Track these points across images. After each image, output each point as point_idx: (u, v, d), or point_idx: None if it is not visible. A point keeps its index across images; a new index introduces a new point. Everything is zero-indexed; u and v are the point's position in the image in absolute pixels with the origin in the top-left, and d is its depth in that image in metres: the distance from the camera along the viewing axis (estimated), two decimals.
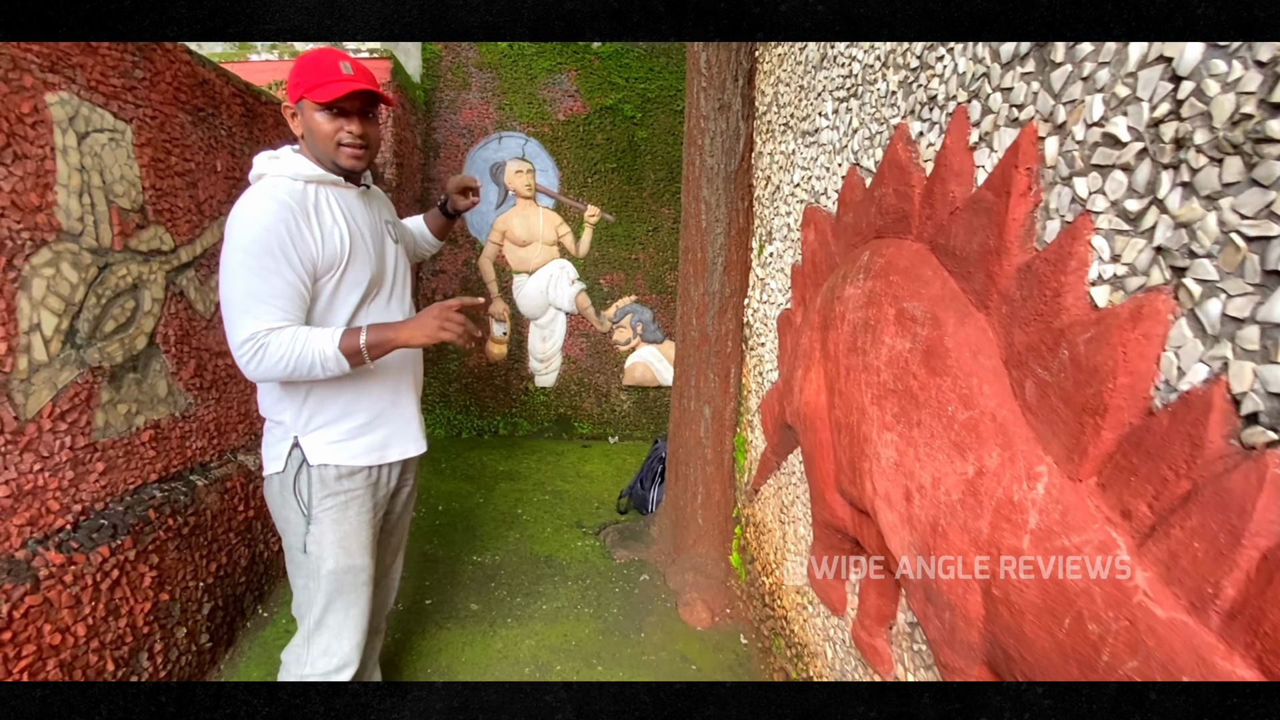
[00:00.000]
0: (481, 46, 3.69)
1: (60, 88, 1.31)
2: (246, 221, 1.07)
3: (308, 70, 1.14)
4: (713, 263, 2.13)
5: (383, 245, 1.30)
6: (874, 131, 1.15)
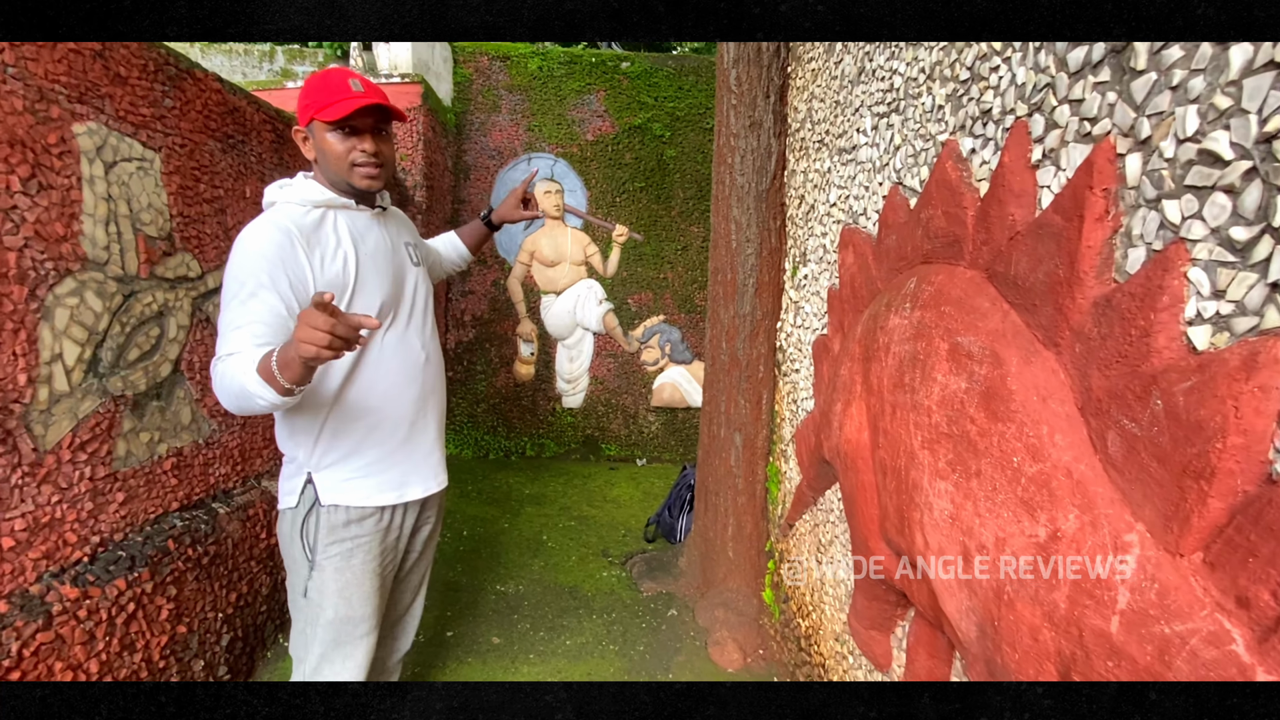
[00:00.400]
0: (512, 69, 3.71)
1: (88, 118, 1.32)
2: (240, 248, 1.05)
3: (317, 90, 1.11)
4: (743, 284, 2.05)
5: (401, 269, 1.26)
6: (919, 149, 1.07)
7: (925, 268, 0.98)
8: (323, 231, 1.12)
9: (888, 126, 1.19)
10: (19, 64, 1.15)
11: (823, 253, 1.56)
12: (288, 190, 1.15)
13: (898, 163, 1.15)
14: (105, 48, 1.35)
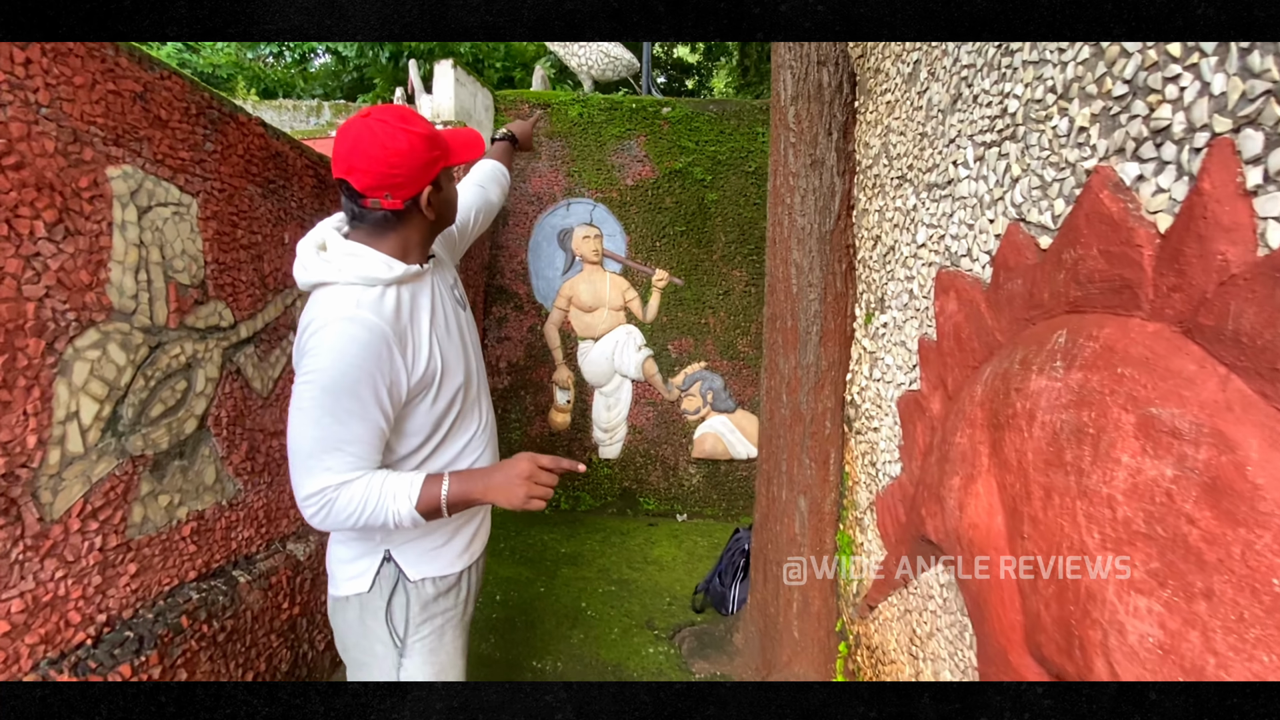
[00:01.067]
0: (552, 116, 3.70)
1: (124, 161, 1.25)
2: (331, 356, 0.91)
3: (435, 137, 1.00)
4: (806, 332, 1.89)
5: (461, 329, 1.15)
6: (1048, 179, 0.91)
7: (1078, 319, 0.81)
8: (402, 319, 1.00)
9: (999, 156, 1.04)
10: (53, 105, 1.08)
11: (907, 298, 1.40)
12: (353, 265, 0.98)
13: (1016, 196, 0.99)
14: (147, 89, 1.29)
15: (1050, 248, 0.88)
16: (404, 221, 1.03)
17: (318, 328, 0.93)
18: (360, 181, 0.97)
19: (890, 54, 1.49)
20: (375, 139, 0.96)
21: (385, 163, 0.96)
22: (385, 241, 1.03)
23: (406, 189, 1.00)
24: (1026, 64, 0.97)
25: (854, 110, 1.82)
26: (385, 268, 0.99)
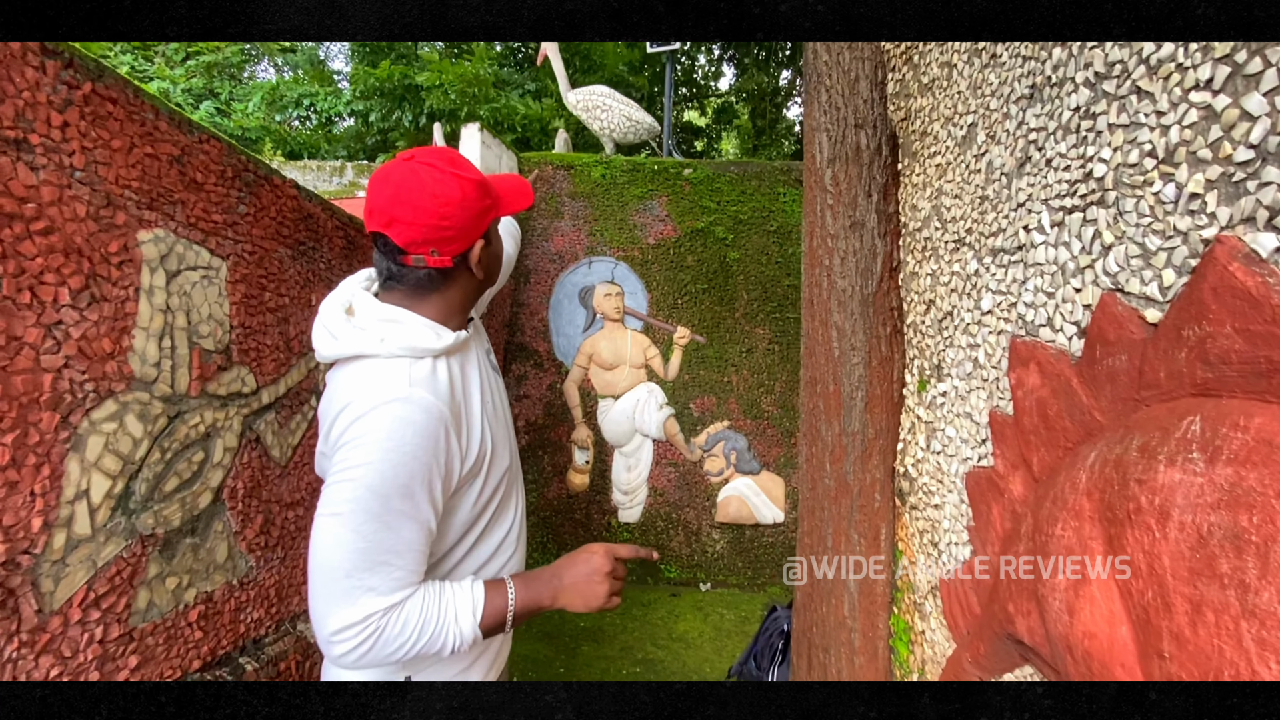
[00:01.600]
0: (575, 177, 3.74)
1: (156, 224, 1.21)
2: (384, 447, 0.76)
3: (486, 184, 0.90)
4: (850, 397, 1.80)
5: (503, 401, 1.05)
6: (1152, 248, 0.84)
7: (1214, 405, 0.72)
8: (456, 397, 0.86)
9: (1084, 222, 0.97)
10: (88, 168, 1.05)
11: (971, 367, 1.31)
12: (396, 334, 0.85)
13: (1109, 265, 0.92)
14: (184, 152, 1.27)
15: (1164, 323, 0.80)
16: (450, 281, 0.91)
17: (362, 412, 0.78)
18: (403, 235, 0.85)
19: (939, 116, 1.45)
20: (423, 186, 0.84)
21: (436, 214, 0.84)
22: (426, 305, 0.90)
23: (457, 243, 0.87)
24: (1114, 127, 0.91)
25: (896, 173, 1.79)
26: (434, 336, 0.86)
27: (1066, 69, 1.03)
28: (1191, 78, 0.78)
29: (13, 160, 0.92)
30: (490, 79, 6.93)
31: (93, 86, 1.06)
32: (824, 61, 1.96)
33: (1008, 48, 1.19)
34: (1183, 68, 0.80)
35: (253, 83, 9.01)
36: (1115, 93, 0.92)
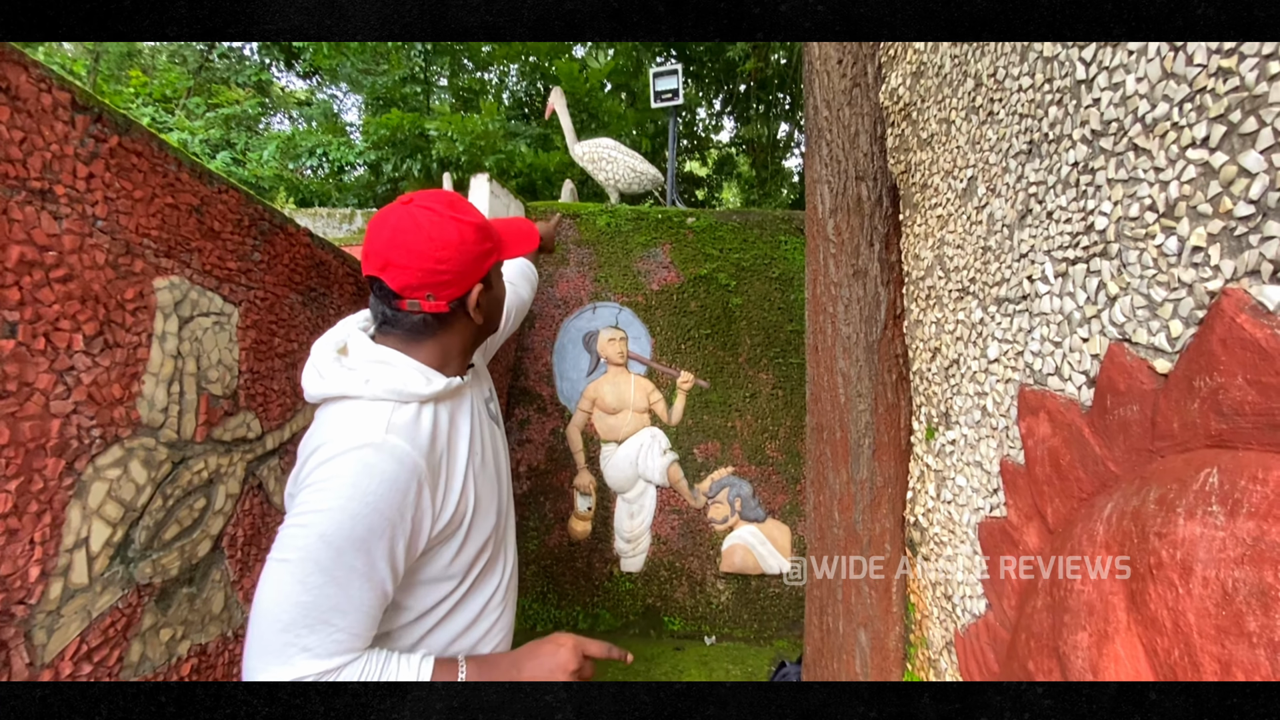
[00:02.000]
0: (581, 225, 3.81)
1: (172, 272, 1.23)
2: (344, 495, 0.72)
3: (486, 227, 0.88)
4: (857, 444, 1.79)
5: (497, 454, 0.99)
6: (1157, 299, 0.85)
7: (1230, 457, 0.71)
8: (438, 447, 0.82)
9: (1089, 274, 0.98)
10: (110, 218, 1.07)
11: (980, 415, 1.30)
12: (384, 376, 0.82)
13: (1116, 315, 0.92)
14: (204, 202, 1.30)
15: (1174, 374, 0.80)
16: (446, 326, 0.89)
17: (331, 454, 0.74)
18: (398, 280, 0.83)
19: (939, 170, 1.49)
20: (419, 230, 0.83)
21: (432, 257, 0.82)
22: (421, 350, 0.88)
23: (453, 288, 0.85)
24: (1113, 182, 0.94)
25: (897, 223, 1.82)
26: (424, 381, 0.83)
27: (1063, 126, 1.06)
28: (1188, 135, 0.81)
29: (37, 210, 0.94)
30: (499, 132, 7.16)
31: (119, 140, 1.09)
32: (824, 117, 2.03)
33: (1004, 105, 1.23)
34: (1178, 126, 0.82)
35: (268, 133, 9.32)
36: (1112, 149, 0.94)
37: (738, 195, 10.93)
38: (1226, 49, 0.75)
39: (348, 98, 11.13)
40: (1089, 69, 0.99)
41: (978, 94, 1.32)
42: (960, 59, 1.38)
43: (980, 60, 1.30)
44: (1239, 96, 0.74)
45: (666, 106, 4.29)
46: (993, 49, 1.25)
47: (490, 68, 9.39)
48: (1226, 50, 0.75)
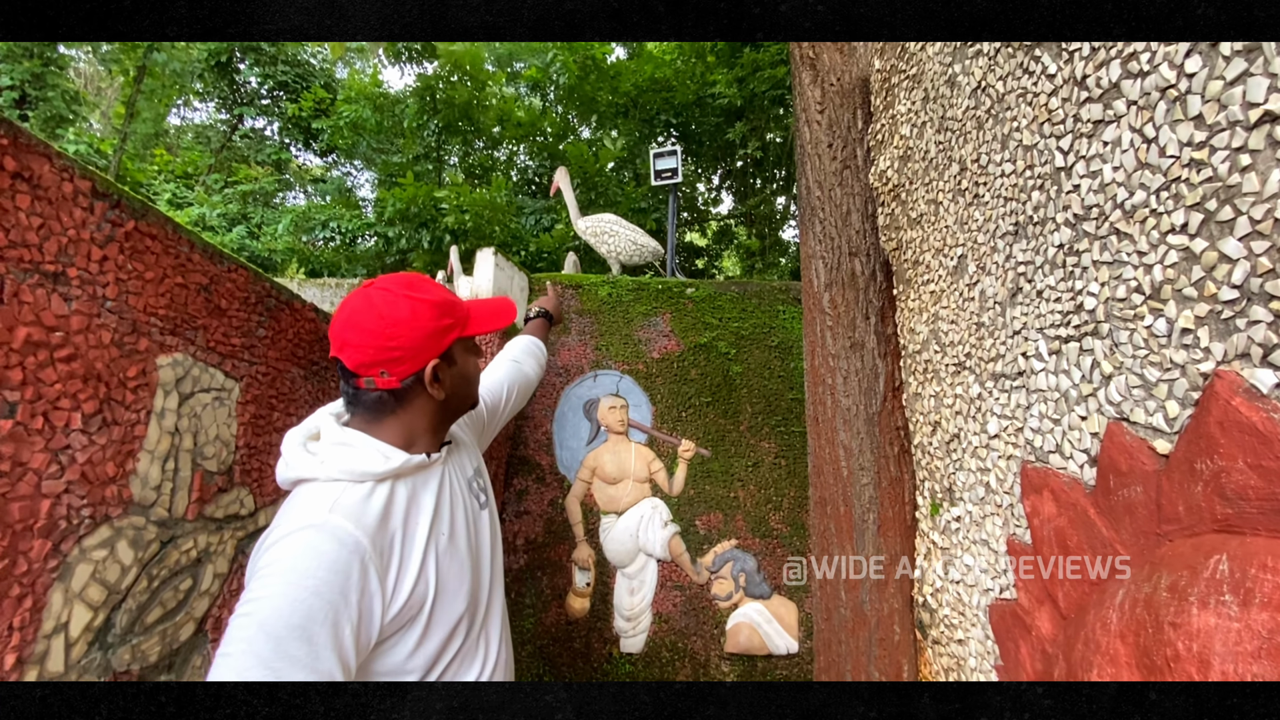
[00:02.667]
0: (582, 296, 3.88)
1: (176, 349, 1.24)
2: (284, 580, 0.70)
3: (449, 304, 0.89)
4: (861, 520, 1.75)
5: (473, 535, 0.94)
6: (1151, 379, 0.85)
7: (1239, 543, 0.69)
8: (391, 525, 0.79)
9: (1082, 352, 0.99)
10: (120, 298, 1.10)
11: (984, 492, 1.28)
12: (341, 456, 0.82)
13: (1112, 394, 0.92)
14: (213, 281, 1.33)
15: (1175, 455, 0.80)
16: (405, 403, 0.89)
17: (275, 539, 0.74)
18: (353, 358, 0.85)
19: (930, 248, 1.53)
20: (372, 308, 0.84)
21: (382, 335, 0.84)
22: (383, 428, 0.88)
23: (406, 364, 0.86)
24: (1098, 263, 0.96)
25: (891, 297, 1.85)
26: (380, 459, 0.82)
27: (1046, 210, 1.10)
28: (1167, 222, 0.84)
29: (48, 292, 0.96)
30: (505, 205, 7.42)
31: (135, 224, 1.12)
32: (817, 197, 2.10)
33: (989, 189, 1.28)
34: (1157, 213, 0.85)
35: (283, 208, 9.67)
36: (1096, 233, 0.97)
37: (738, 264, 11.18)
38: (1197, 142, 0.79)
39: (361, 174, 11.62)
40: (1067, 157, 1.04)
41: (963, 178, 1.37)
42: (944, 145, 1.45)
43: (964, 147, 1.36)
44: (1213, 186, 0.77)
45: (666, 184, 4.46)
46: (974, 136, 1.31)
47: (501, 146, 9.85)
48: (1196, 143, 0.79)
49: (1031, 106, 1.12)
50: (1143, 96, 0.87)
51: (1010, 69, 1.18)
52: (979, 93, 1.29)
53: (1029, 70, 1.13)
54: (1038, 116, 1.11)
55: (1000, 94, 1.22)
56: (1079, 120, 1.00)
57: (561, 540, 3.62)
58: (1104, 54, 0.94)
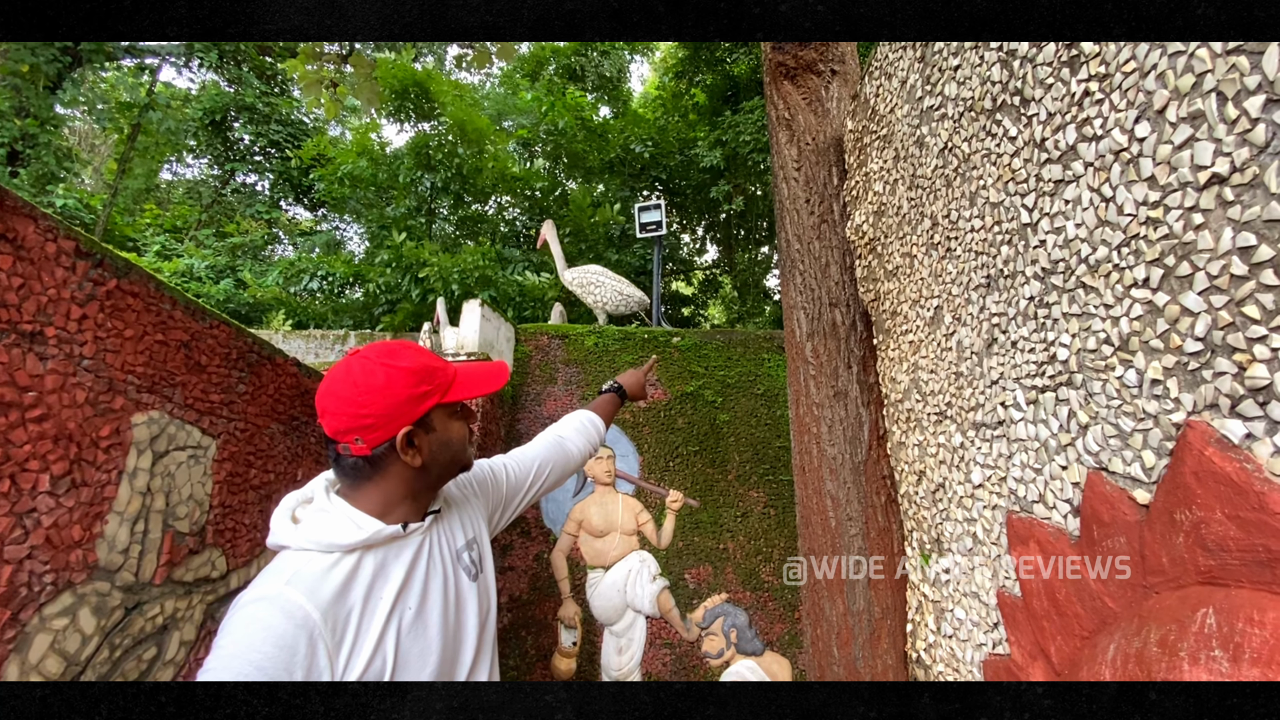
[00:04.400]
0: (569, 345, 3.90)
1: (153, 407, 1.22)
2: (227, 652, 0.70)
3: (428, 370, 0.89)
4: (851, 571, 1.72)
5: (451, 609, 0.90)
6: (1126, 429, 0.86)
7: (1224, 595, 0.69)
8: (350, 599, 0.78)
9: (1058, 401, 1.01)
10: (97, 356, 1.08)
11: (971, 543, 1.27)
12: (314, 524, 0.82)
13: (1089, 443, 0.93)
14: (194, 338, 1.32)
15: (1155, 506, 0.80)
16: (381, 471, 0.87)
17: (235, 607, 0.74)
18: (331, 425, 0.85)
19: (907, 299, 1.56)
20: (349, 377, 0.86)
21: (355, 402, 0.84)
22: (362, 496, 0.87)
23: (379, 431, 0.85)
24: (1068, 315, 0.99)
25: (872, 347, 1.88)
26: (352, 528, 0.81)
27: (1015, 264, 1.13)
28: (1129, 276, 0.87)
29: (24, 351, 0.95)
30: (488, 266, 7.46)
31: (118, 283, 1.12)
32: (796, 250, 2.16)
33: (960, 243, 1.32)
34: (1119, 267, 0.88)
35: (271, 261, 9.71)
36: (1064, 286, 1.00)
37: (722, 313, 11.31)
38: (1152, 201, 0.82)
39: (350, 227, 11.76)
40: (1032, 214, 1.08)
41: (935, 232, 1.42)
42: (916, 201, 1.50)
43: (934, 203, 1.41)
44: (1170, 243, 0.80)
45: (651, 236, 4.55)
46: (944, 193, 1.36)
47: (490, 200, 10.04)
48: (1151, 202, 0.82)
49: (996, 166, 1.18)
50: (1098, 159, 0.91)
51: (974, 130, 1.24)
52: (946, 153, 1.35)
53: (991, 132, 1.19)
54: (1002, 175, 1.15)
55: (966, 154, 1.27)
56: (1040, 180, 1.05)
57: (547, 597, 3.51)
58: (1059, 118, 0.99)
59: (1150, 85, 0.81)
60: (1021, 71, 1.08)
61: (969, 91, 1.25)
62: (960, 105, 1.28)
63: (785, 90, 2.29)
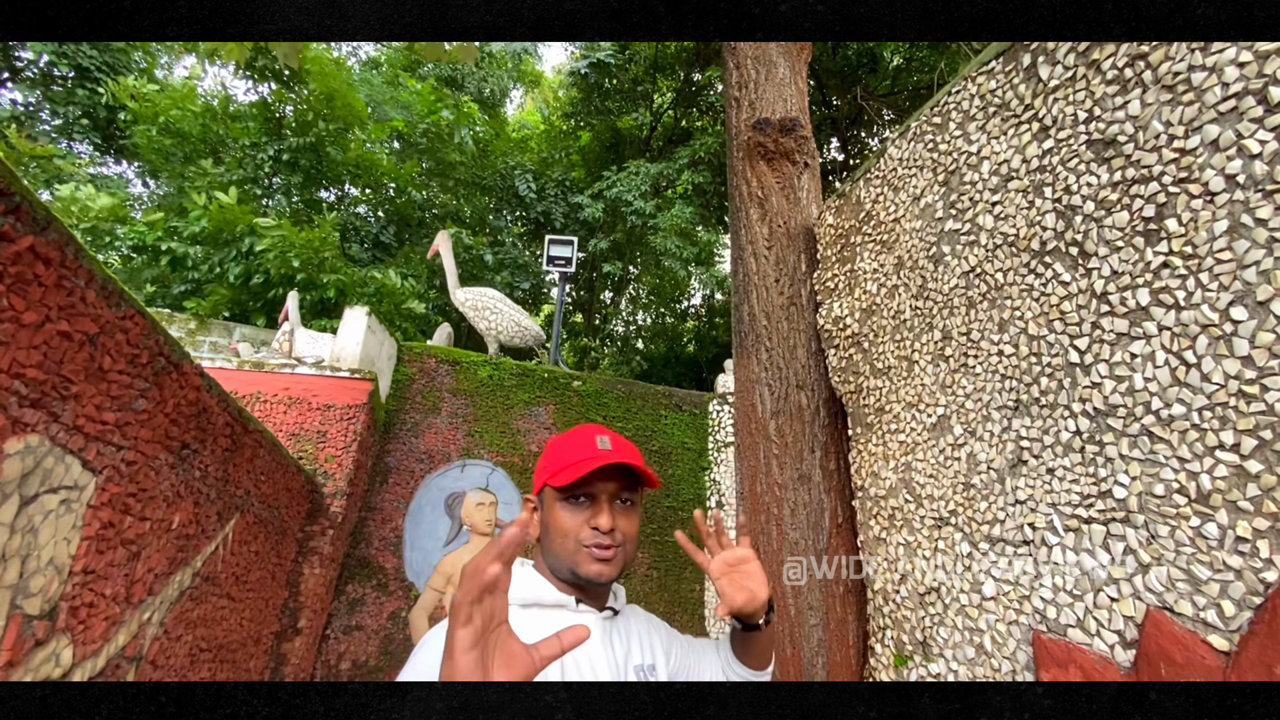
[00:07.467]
0: (459, 374, 3.54)
1: (34, 429, 0.83)
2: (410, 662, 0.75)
3: (558, 449, 0.87)
4: (810, 664, 1.70)
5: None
6: (1201, 578, 0.94)
7: None
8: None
9: (1110, 536, 1.08)
10: None
11: (974, 653, 1.31)
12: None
13: (1151, 583, 1.00)
14: (102, 331, 0.94)
15: (1246, 657, 0.87)
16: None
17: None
18: None
19: (900, 400, 1.63)
20: None
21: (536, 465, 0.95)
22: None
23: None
24: (1125, 458, 1.07)
25: (835, 433, 1.93)
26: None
27: (1057, 396, 1.22)
28: (1213, 438, 0.96)
29: None
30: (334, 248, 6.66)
31: (32, 243, 0.78)
32: (763, 325, 2.18)
33: (981, 363, 1.40)
34: (1199, 427, 0.98)
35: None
36: (1123, 430, 1.09)
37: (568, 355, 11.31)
38: (1247, 378, 0.92)
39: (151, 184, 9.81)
40: (1084, 356, 1.18)
41: (947, 345, 1.50)
42: (923, 311, 1.59)
43: (950, 318, 1.50)
44: (1268, 419, 0.90)
45: (558, 271, 4.38)
46: (964, 313, 1.46)
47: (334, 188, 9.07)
48: (1246, 379, 0.93)
49: (1039, 303, 1.27)
50: (1179, 326, 1.01)
51: (1013, 265, 1.34)
52: (972, 275, 1.45)
53: (1036, 272, 1.30)
54: (1048, 314, 1.25)
55: (998, 284, 1.37)
56: (1099, 328, 1.15)
57: (399, 665, 3.04)
58: (1129, 279, 1.10)
59: (1250, 278, 0.92)
60: (1084, 228, 1.19)
61: (1010, 229, 1.36)
62: (998, 238, 1.39)
63: (760, 170, 2.36)
